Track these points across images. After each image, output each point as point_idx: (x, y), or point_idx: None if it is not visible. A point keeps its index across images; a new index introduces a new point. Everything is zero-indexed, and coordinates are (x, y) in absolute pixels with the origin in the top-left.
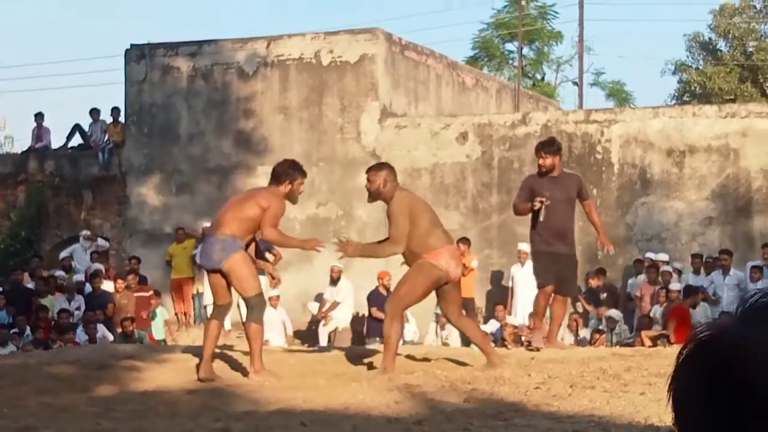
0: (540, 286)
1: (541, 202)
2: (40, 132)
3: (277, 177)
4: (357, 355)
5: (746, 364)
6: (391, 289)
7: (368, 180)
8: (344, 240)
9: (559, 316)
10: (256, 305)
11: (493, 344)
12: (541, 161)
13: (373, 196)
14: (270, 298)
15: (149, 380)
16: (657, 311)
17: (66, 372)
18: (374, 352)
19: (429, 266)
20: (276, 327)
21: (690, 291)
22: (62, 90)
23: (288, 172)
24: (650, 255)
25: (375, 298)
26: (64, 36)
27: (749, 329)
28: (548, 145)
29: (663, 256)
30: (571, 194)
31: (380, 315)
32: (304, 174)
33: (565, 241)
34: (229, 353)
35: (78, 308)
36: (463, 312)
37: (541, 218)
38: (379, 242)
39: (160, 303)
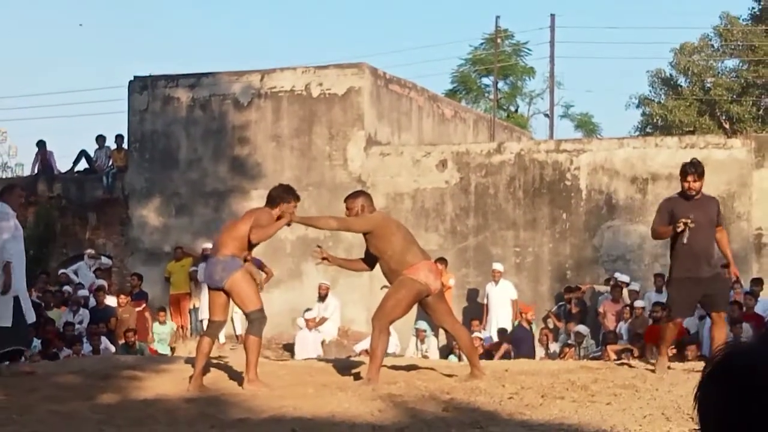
0: (671, 318)
1: (685, 223)
2: (44, 158)
3: (272, 200)
4: (343, 366)
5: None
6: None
7: (347, 207)
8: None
9: (720, 337)
10: (256, 319)
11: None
12: (687, 185)
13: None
14: (308, 321)
15: (149, 389)
16: (622, 327)
17: (72, 381)
18: (359, 364)
19: (410, 281)
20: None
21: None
22: (69, 118)
23: (282, 196)
24: (617, 275)
25: (518, 334)
26: (71, 68)
27: None
28: (698, 167)
29: (624, 278)
30: (713, 217)
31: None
32: (297, 198)
33: (709, 264)
34: (224, 364)
35: (81, 322)
36: (458, 320)
37: (684, 240)
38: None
39: (165, 319)
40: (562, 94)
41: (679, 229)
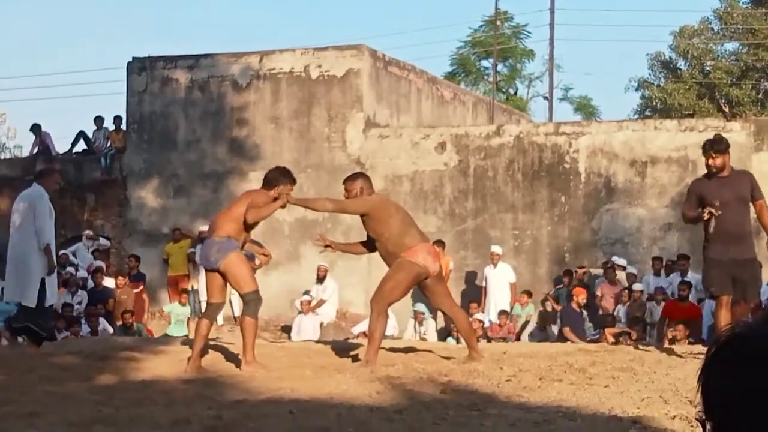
0: (713, 296)
1: (711, 213)
2: (41, 139)
3: (268, 183)
4: (341, 348)
5: None
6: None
7: (346, 189)
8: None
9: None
10: (251, 301)
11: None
12: (710, 161)
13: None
14: (302, 303)
15: (147, 370)
16: (620, 310)
17: (70, 362)
18: (357, 346)
19: (408, 263)
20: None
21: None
22: (68, 99)
23: (278, 178)
24: (614, 259)
25: (569, 316)
26: (70, 49)
27: None
28: (717, 144)
29: (621, 261)
30: (744, 194)
31: (572, 336)
32: (293, 181)
33: (743, 246)
34: (222, 346)
35: (80, 302)
36: (456, 303)
37: (711, 229)
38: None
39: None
40: (561, 76)
41: (705, 218)
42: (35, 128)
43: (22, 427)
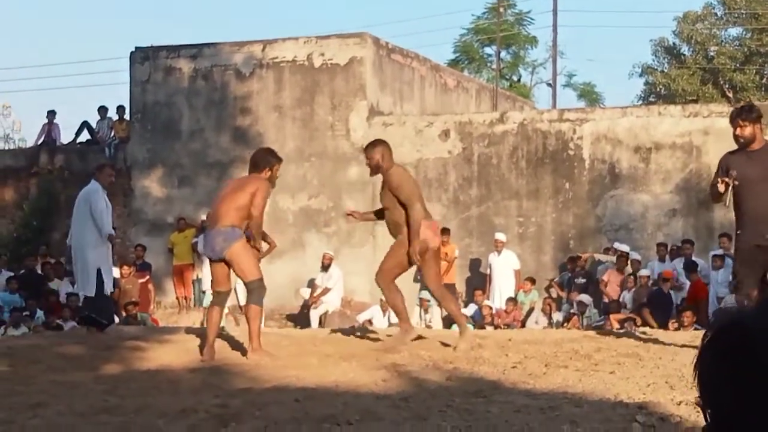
0: (735, 290)
1: (726, 182)
2: (50, 128)
3: (256, 165)
4: (346, 336)
5: (765, 345)
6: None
7: (367, 157)
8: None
9: None
10: (256, 289)
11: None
12: (738, 131)
13: (374, 170)
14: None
15: (153, 360)
16: (626, 296)
17: (75, 352)
18: (362, 334)
19: (405, 243)
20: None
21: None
22: (71, 89)
23: (267, 159)
24: (617, 245)
25: (655, 298)
26: (72, 39)
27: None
28: (746, 112)
29: (624, 247)
30: None
31: (651, 319)
32: (280, 160)
33: None
34: (227, 335)
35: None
36: (443, 285)
37: (726, 202)
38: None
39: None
40: (564, 63)
41: (720, 190)
42: (50, 114)
43: (29, 417)
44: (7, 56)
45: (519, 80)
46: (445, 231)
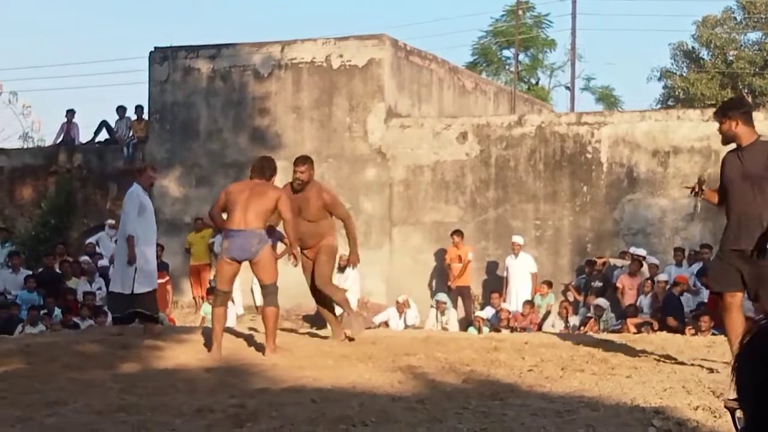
0: (715, 293)
1: (688, 187)
2: (69, 127)
3: (262, 171)
4: (362, 337)
5: None
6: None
7: (301, 170)
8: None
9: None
10: (273, 292)
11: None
12: (718, 128)
13: (305, 183)
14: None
15: (170, 359)
16: (643, 301)
17: (92, 350)
18: (378, 335)
19: (334, 247)
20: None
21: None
22: (90, 89)
23: (273, 166)
24: (633, 249)
25: (670, 303)
26: (92, 39)
27: None
28: (721, 108)
29: (641, 251)
30: (757, 170)
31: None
32: (276, 170)
33: (750, 234)
34: (244, 334)
35: (99, 289)
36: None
37: (696, 210)
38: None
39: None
40: (583, 66)
41: (690, 194)
42: (69, 113)
43: (46, 415)
44: (27, 56)
45: (537, 83)
46: (458, 233)
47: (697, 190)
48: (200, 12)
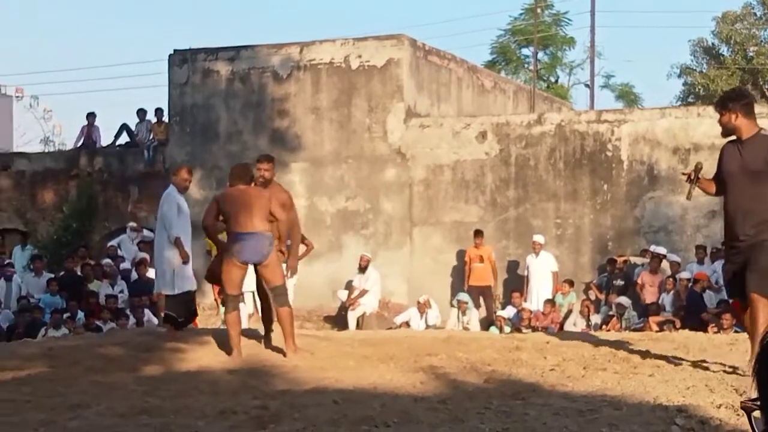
0: (731, 297)
1: (686, 174)
2: (90, 131)
3: (245, 178)
4: (384, 338)
5: None
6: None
7: (266, 168)
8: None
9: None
10: (284, 292)
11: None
12: (718, 121)
13: (268, 182)
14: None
15: (192, 361)
16: (665, 299)
17: (115, 353)
18: (399, 335)
19: (279, 255)
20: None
21: None
22: (110, 92)
23: (252, 173)
24: (653, 248)
25: (692, 301)
26: (112, 42)
27: None
28: (721, 100)
29: (661, 249)
30: (757, 165)
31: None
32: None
33: (748, 227)
34: (263, 336)
35: (121, 292)
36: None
37: (689, 197)
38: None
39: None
40: (602, 64)
41: (686, 181)
42: (90, 116)
43: (69, 417)
44: (48, 60)
45: (556, 81)
46: (479, 234)
47: (692, 177)
48: (219, 14)
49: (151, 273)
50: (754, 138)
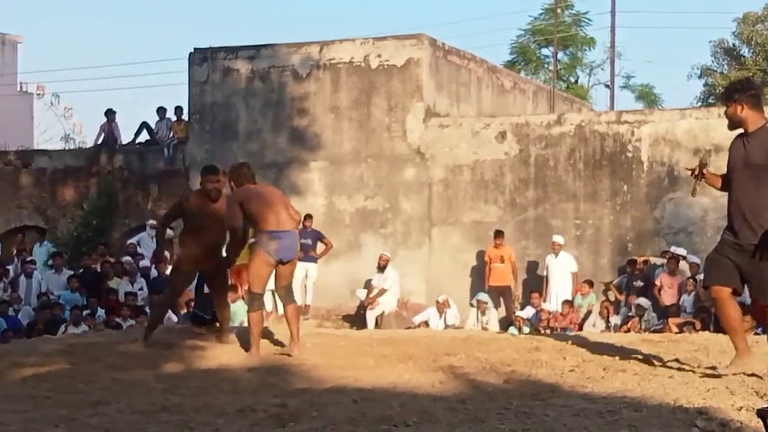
0: (706, 286)
1: (691, 169)
2: (110, 128)
3: (249, 177)
4: (403, 338)
5: None
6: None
7: (218, 182)
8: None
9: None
10: (292, 290)
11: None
12: (724, 113)
13: (219, 195)
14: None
15: (212, 358)
16: (685, 300)
17: (135, 350)
18: (418, 335)
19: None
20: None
21: None
22: (131, 90)
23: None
24: (673, 249)
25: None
26: (132, 40)
27: None
28: (726, 91)
29: (681, 251)
30: (760, 159)
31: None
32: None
33: (752, 226)
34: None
35: (141, 289)
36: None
37: (693, 194)
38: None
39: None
40: (622, 64)
41: (690, 176)
42: (109, 113)
43: (89, 414)
44: (69, 58)
45: (576, 82)
46: (499, 234)
47: (697, 172)
48: (239, 13)
49: (170, 270)
50: (759, 131)
